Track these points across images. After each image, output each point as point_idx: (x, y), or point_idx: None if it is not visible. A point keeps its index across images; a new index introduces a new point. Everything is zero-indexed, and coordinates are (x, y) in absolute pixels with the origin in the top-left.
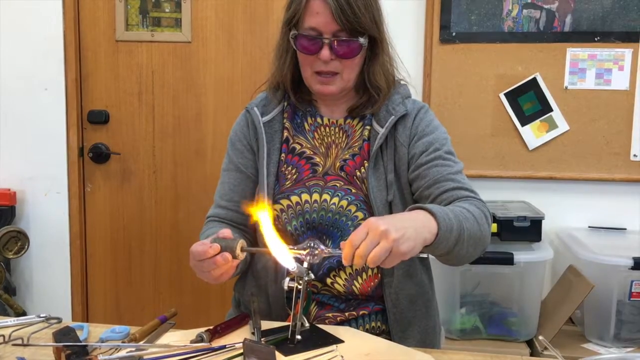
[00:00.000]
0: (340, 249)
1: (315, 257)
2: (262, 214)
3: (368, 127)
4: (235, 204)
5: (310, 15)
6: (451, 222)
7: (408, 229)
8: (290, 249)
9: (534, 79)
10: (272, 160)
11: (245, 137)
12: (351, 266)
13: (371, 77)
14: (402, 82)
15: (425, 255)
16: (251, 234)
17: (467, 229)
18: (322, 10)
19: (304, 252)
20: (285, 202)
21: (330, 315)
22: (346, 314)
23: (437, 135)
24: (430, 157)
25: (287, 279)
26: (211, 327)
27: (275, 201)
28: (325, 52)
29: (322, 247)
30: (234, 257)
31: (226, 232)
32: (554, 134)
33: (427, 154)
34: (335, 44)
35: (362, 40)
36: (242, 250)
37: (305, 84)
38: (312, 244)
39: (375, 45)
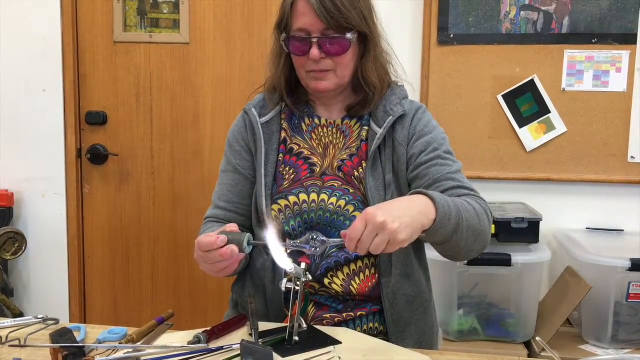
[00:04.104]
0: (340, 238)
1: (318, 249)
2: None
3: (366, 128)
4: (233, 204)
5: (297, 16)
6: (450, 209)
7: (405, 217)
8: (293, 243)
9: (532, 81)
10: (270, 160)
11: (243, 138)
12: (349, 266)
13: (364, 73)
14: (399, 83)
15: (422, 235)
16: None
17: (466, 219)
18: (307, 10)
19: (307, 245)
20: (283, 202)
21: (328, 316)
22: (344, 315)
23: (436, 135)
24: (430, 156)
25: (285, 280)
26: (209, 328)
27: (273, 201)
28: (314, 52)
29: (324, 237)
30: (241, 250)
31: (233, 226)
32: (551, 135)
33: (426, 153)
34: (324, 42)
35: (349, 36)
36: (249, 243)
37: (301, 86)
38: (313, 236)
39: (367, 42)
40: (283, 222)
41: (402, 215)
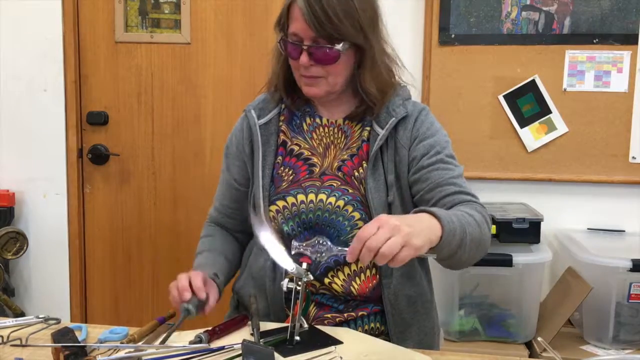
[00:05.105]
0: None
1: (323, 255)
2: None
3: (368, 128)
4: (224, 207)
5: (291, 21)
6: (454, 226)
7: (416, 227)
8: (299, 244)
9: (533, 81)
10: (267, 162)
11: (238, 142)
12: (350, 267)
13: (362, 83)
14: (402, 84)
15: (433, 256)
16: (242, 238)
17: (469, 233)
18: (300, 16)
19: (311, 249)
20: (280, 203)
21: (329, 316)
22: (345, 315)
23: (438, 138)
24: (432, 160)
25: (286, 280)
26: (210, 328)
27: (271, 202)
28: (303, 59)
29: (330, 244)
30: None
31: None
32: (552, 135)
33: (428, 157)
34: (313, 50)
35: (338, 47)
36: (186, 312)
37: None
38: (319, 241)
39: (364, 52)
40: (282, 222)
41: (414, 225)
